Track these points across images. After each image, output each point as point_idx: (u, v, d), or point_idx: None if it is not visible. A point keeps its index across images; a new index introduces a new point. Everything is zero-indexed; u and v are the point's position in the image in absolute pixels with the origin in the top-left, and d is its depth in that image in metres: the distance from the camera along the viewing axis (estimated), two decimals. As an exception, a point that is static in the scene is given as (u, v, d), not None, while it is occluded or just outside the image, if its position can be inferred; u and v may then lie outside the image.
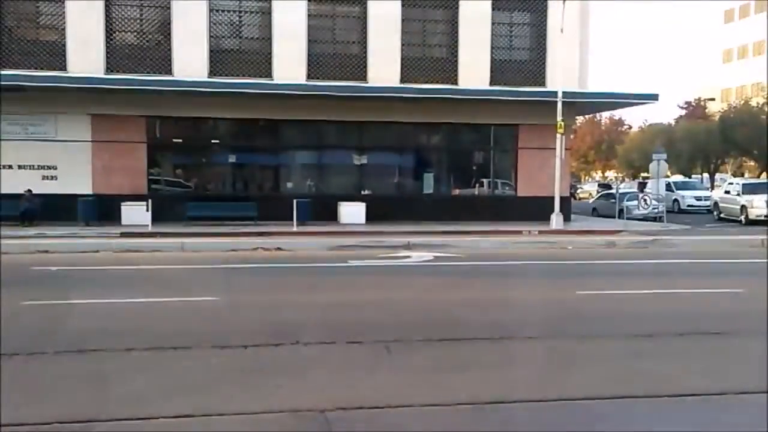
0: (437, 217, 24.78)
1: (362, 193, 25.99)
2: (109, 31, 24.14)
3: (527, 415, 5.37)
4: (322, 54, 25.30)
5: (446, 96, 24.77)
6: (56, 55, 23.73)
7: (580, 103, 26.56)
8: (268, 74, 24.67)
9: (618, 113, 65.92)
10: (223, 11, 24.89)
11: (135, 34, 24.79)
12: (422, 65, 25.75)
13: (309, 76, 24.85)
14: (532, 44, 26.66)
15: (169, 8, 24.24)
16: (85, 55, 23.59)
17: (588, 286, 11.45)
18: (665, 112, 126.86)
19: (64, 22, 23.72)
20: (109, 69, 23.87)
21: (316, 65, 25.04)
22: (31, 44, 24.00)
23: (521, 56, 26.74)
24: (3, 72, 22.40)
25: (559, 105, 23.43)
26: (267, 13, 24.92)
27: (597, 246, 19.44)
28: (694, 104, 63.53)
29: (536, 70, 26.30)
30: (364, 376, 6.33)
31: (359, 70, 25.33)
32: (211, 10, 24.56)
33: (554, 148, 23.85)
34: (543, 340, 7.75)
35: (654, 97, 26.34)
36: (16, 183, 23.00)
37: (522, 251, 17.85)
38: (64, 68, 23.57)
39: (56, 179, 23.97)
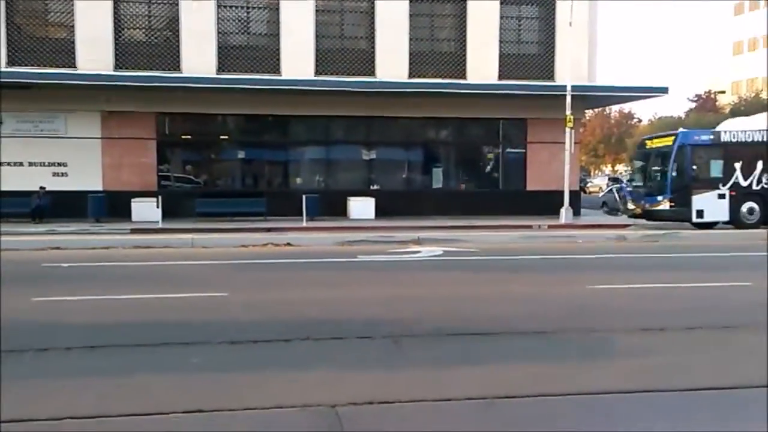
0: (446, 212, 24.77)
1: (371, 188, 26.00)
2: (118, 28, 24.20)
3: (538, 410, 5.36)
4: (330, 50, 25.30)
5: (454, 91, 24.72)
6: (65, 53, 23.82)
7: (589, 97, 26.47)
8: (276, 70, 24.69)
9: (628, 106, 65.53)
10: (230, 7, 24.90)
11: (143, 31, 24.86)
12: (430, 60, 25.71)
13: (317, 72, 24.86)
14: (540, 38, 26.57)
15: (177, 5, 24.28)
16: (94, 52, 23.67)
17: (598, 280, 11.40)
18: (675, 105, 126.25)
19: (73, 20, 23.80)
20: (118, 66, 23.94)
21: (324, 61, 25.04)
22: (40, 42, 24.09)
23: (530, 50, 26.66)
24: (13, 69, 22.51)
25: (568, 99, 23.36)
26: (275, 9, 24.94)
27: (607, 240, 19.37)
28: (704, 97, 63.17)
29: (545, 64, 26.22)
30: (375, 371, 6.33)
31: (367, 65, 25.31)
32: (218, 6, 24.59)
33: (563, 142, 23.79)
34: (553, 335, 7.73)
35: (664, 90, 26.22)
36: (27, 180, 23.13)
37: (531, 245, 17.81)
38: (73, 65, 23.66)
39: (67, 176, 24.09)
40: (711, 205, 21.73)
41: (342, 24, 25.84)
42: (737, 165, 21.83)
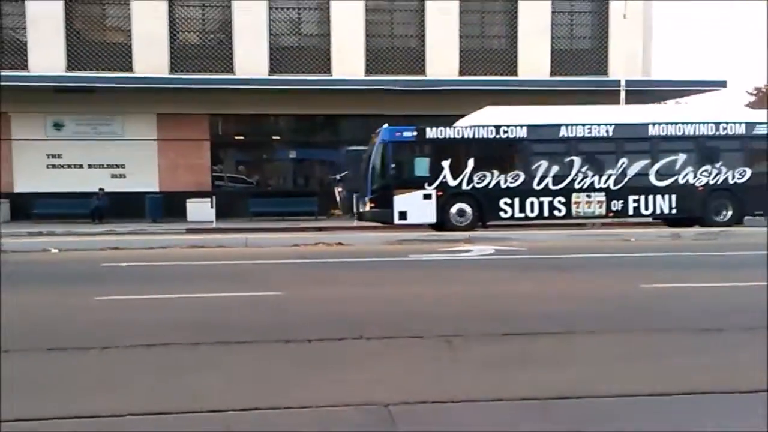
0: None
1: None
2: (173, 32, 24.73)
3: (593, 411, 5.31)
4: (381, 48, 25.41)
5: (506, 88, 24.54)
6: (122, 56, 24.43)
7: (644, 92, 25.95)
8: (327, 70, 24.91)
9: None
10: (282, 8, 25.21)
11: (197, 33, 25.34)
12: (481, 57, 25.61)
13: (367, 71, 24.99)
14: (593, 32, 26.22)
15: (229, 7, 24.69)
16: (150, 55, 24.24)
17: (652, 279, 11.20)
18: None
19: (130, 24, 24.40)
20: (173, 69, 24.47)
21: (374, 60, 25.16)
22: (98, 46, 24.78)
23: (582, 45, 26.33)
24: (73, 74, 23.17)
25: (623, 94, 22.96)
26: (325, 10, 25.13)
27: (661, 238, 19.00)
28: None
29: (598, 59, 25.86)
30: (427, 370, 6.34)
31: (417, 63, 25.33)
32: (270, 8, 24.92)
33: (617, 138, 23.34)
34: (607, 334, 7.63)
35: (722, 84, 25.60)
36: (87, 182, 23.80)
37: (583, 244, 17.59)
38: (130, 69, 24.26)
39: (125, 177, 24.73)
40: (415, 206, 20.15)
41: (392, 23, 25.91)
42: (445, 163, 20.25)
